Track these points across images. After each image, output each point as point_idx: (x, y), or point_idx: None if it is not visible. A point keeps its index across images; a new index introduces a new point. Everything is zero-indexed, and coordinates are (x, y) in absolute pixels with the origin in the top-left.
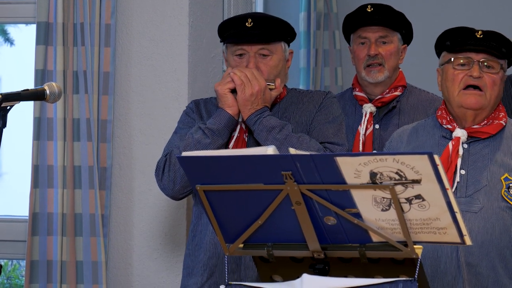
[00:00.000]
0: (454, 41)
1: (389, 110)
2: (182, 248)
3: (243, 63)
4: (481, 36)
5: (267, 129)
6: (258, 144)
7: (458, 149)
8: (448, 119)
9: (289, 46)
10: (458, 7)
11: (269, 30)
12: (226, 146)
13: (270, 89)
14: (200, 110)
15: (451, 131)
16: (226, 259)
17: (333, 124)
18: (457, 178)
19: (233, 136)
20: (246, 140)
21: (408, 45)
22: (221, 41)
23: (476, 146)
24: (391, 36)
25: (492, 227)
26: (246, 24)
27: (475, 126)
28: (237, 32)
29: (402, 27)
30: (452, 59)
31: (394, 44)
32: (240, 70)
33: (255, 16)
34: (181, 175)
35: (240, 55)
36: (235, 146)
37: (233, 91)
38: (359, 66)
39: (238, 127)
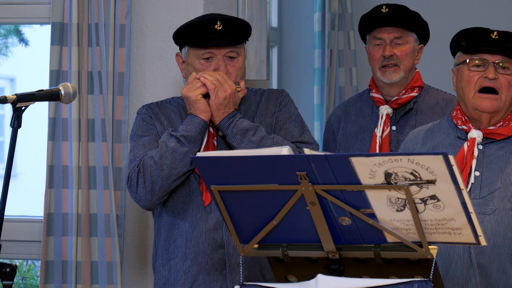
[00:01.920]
0: (469, 42)
1: (406, 111)
2: None
3: (211, 66)
4: (497, 37)
5: (241, 132)
6: (228, 147)
7: (473, 150)
8: (463, 119)
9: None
10: (474, 6)
11: (237, 32)
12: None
13: (238, 91)
14: (157, 115)
15: (466, 132)
16: (241, 259)
17: (296, 122)
18: (471, 180)
19: (202, 141)
20: (215, 144)
21: (424, 45)
22: (179, 45)
23: (491, 148)
24: (407, 37)
25: (505, 229)
26: (216, 27)
27: (490, 127)
28: (206, 35)
29: (418, 27)
30: (467, 60)
31: (409, 44)
32: (210, 74)
33: (222, 18)
34: (159, 186)
35: (207, 58)
36: (205, 151)
37: (204, 96)
38: (375, 67)
39: (207, 131)
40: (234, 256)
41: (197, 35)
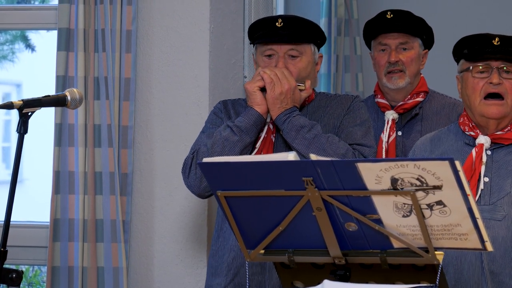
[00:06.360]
0: (471, 49)
1: (412, 117)
2: (203, 254)
3: (272, 63)
4: (499, 43)
5: (296, 128)
6: (286, 144)
7: (481, 156)
8: (471, 126)
9: (319, 50)
10: (478, 11)
11: (298, 31)
12: (253, 146)
13: (300, 90)
14: (228, 110)
15: (474, 138)
16: (247, 264)
17: (361, 127)
18: (481, 186)
19: (260, 136)
20: (273, 140)
21: (429, 50)
22: (250, 43)
23: (500, 153)
24: (412, 42)
25: None
26: (276, 24)
27: (498, 133)
28: (267, 32)
29: (423, 33)
30: (471, 67)
31: (414, 50)
32: (271, 69)
33: (285, 16)
34: None
35: (269, 55)
36: (262, 146)
37: (263, 90)
38: (380, 73)
39: (266, 127)
40: None
41: (260, 33)
